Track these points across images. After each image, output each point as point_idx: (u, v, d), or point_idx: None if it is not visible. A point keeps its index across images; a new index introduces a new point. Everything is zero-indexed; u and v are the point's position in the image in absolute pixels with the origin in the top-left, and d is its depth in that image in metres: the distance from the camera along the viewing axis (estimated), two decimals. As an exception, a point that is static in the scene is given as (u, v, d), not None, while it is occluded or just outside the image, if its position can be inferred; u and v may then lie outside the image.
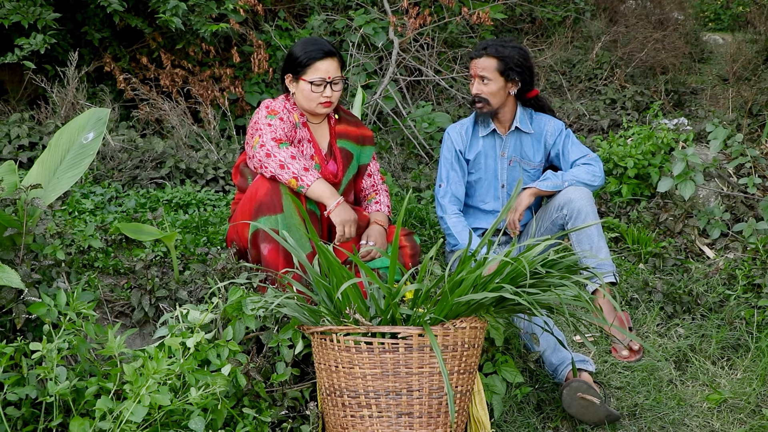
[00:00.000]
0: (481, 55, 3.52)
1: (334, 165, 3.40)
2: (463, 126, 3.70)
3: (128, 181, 4.37)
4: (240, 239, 3.24)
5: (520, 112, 3.65)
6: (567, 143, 3.66)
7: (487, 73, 3.51)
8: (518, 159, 3.68)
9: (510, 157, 3.68)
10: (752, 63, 6.26)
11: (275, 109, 3.28)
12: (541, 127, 3.69)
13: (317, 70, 3.25)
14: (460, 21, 6.15)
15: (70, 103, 4.84)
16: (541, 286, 2.50)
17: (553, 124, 3.70)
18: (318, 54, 3.25)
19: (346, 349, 2.45)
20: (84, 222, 3.66)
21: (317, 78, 3.24)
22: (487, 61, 3.51)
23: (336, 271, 2.47)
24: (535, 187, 3.53)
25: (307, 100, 3.29)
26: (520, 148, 3.68)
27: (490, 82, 3.52)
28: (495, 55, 3.50)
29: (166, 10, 4.83)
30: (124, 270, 3.25)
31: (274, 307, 2.61)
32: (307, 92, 3.27)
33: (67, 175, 2.97)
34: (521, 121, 3.65)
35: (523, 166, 3.69)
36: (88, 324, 2.52)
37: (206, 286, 3.03)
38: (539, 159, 3.70)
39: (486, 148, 3.68)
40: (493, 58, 3.50)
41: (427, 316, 2.44)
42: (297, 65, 3.27)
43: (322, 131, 3.42)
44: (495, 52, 3.50)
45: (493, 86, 3.53)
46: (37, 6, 4.61)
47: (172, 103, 5.14)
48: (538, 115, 3.71)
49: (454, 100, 5.91)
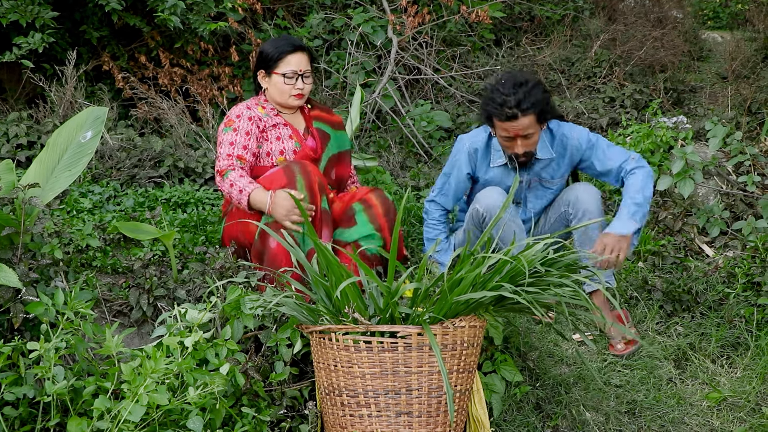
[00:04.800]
0: (517, 115, 3.23)
1: (312, 142, 3.50)
2: (473, 145, 3.49)
3: (126, 180, 4.36)
4: (245, 233, 3.28)
5: (540, 137, 3.43)
6: (598, 154, 3.45)
7: (531, 129, 3.27)
8: (537, 180, 3.52)
9: (528, 180, 3.52)
10: (751, 61, 6.25)
11: (231, 117, 3.39)
12: (563, 147, 3.47)
13: (289, 63, 3.39)
14: (459, 19, 6.14)
15: (69, 102, 4.83)
16: (541, 284, 2.50)
17: (577, 137, 3.46)
18: (288, 47, 3.40)
19: (344, 348, 2.45)
20: (82, 221, 3.65)
21: (289, 70, 3.39)
22: (527, 119, 3.24)
23: (335, 270, 2.47)
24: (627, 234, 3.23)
25: (280, 92, 3.41)
26: (539, 171, 3.50)
27: (534, 135, 3.31)
28: (533, 111, 3.24)
29: (165, 8, 4.81)
30: (123, 269, 3.24)
31: (273, 306, 2.60)
32: (280, 84, 3.40)
33: (65, 174, 2.96)
34: (541, 149, 3.44)
35: (544, 185, 3.54)
36: (86, 323, 2.52)
37: (204, 285, 3.03)
38: (561, 174, 3.53)
39: (500, 175, 3.49)
40: (532, 115, 3.24)
41: (426, 315, 2.44)
42: (269, 60, 3.41)
43: (298, 119, 3.54)
44: (530, 106, 3.22)
45: (536, 137, 3.33)
46: (35, 5, 4.60)
47: (170, 102, 5.13)
48: (559, 131, 3.47)
49: (452, 98, 5.91)
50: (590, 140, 3.47)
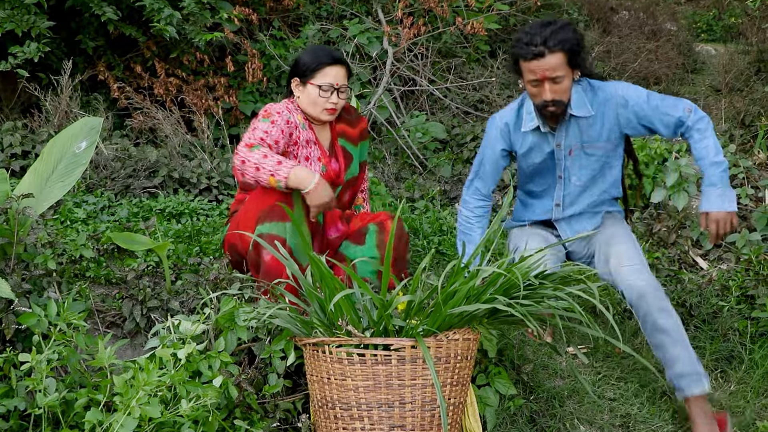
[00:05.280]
0: (543, 52, 2.95)
1: (336, 165, 3.38)
2: (503, 119, 3.25)
3: (121, 190, 4.36)
4: (242, 241, 3.21)
5: (574, 93, 3.10)
6: (649, 109, 3.08)
7: (559, 71, 2.98)
8: (579, 146, 3.17)
9: (568, 146, 3.18)
10: (744, 74, 6.28)
11: (271, 111, 3.23)
12: (604, 104, 3.12)
13: (326, 75, 3.25)
14: (455, 31, 6.16)
15: (64, 112, 4.83)
16: (535, 297, 2.50)
17: (622, 92, 3.12)
18: (327, 59, 3.26)
19: (338, 361, 2.44)
20: (76, 231, 3.64)
21: (326, 83, 3.24)
22: (555, 57, 2.96)
23: (328, 283, 2.46)
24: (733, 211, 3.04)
25: (313, 104, 3.27)
26: (579, 134, 3.15)
27: (563, 80, 3.00)
28: (562, 48, 2.96)
29: (161, 19, 4.82)
30: (116, 280, 3.23)
31: (267, 318, 2.60)
32: (314, 96, 3.25)
33: (59, 185, 2.96)
34: (577, 104, 3.10)
35: (588, 151, 3.18)
36: (78, 334, 2.51)
37: (198, 296, 3.02)
38: (605, 137, 3.16)
39: (537, 141, 3.20)
40: (561, 53, 2.96)
41: (419, 328, 2.43)
42: (306, 69, 3.26)
43: (325, 132, 3.40)
44: (559, 44, 2.95)
45: (566, 82, 3.01)
46: (31, 14, 4.60)
47: (165, 112, 5.13)
48: (599, 88, 3.14)
49: (448, 110, 5.92)
50: (637, 94, 3.11)
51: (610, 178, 3.25)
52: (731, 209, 3.01)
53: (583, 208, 3.27)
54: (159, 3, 4.85)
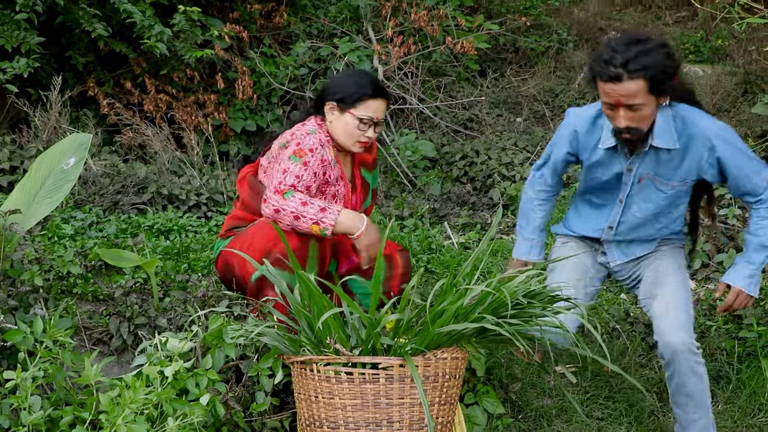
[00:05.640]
0: (621, 76, 2.59)
1: (356, 197, 3.21)
2: (575, 125, 2.92)
3: (109, 207, 4.35)
4: (241, 269, 3.01)
5: (660, 120, 2.74)
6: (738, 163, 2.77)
7: (639, 99, 2.62)
8: (651, 176, 2.84)
9: (640, 173, 2.86)
10: (731, 95, 6.33)
11: (304, 149, 2.97)
12: (692, 139, 2.77)
13: (368, 107, 3.02)
14: (444, 50, 6.19)
15: (53, 128, 4.82)
16: (523, 316, 2.50)
17: (712, 135, 2.76)
18: (372, 91, 3.04)
19: (326, 380, 2.43)
20: (64, 247, 3.63)
21: (366, 116, 3.01)
22: (634, 84, 2.59)
23: (317, 301, 2.46)
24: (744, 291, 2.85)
25: (348, 135, 3.04)
26: (655, 164, 2.83)
27: (642, 108, 2.64)
28: (644, 75, 2.59)
29: (151, 35, 4.83)
30: (103, 296, 3.22)
31: (255, 335, 2.59)
32: (352, 128, 3.03)
33: (46, 201, 2.94)
34: (661, 134, 2.76)
35: (658, 186, 2.86)
36: (64, 352, 2.49)
37: (186, 313, 3.01)
38: (681, 177, 2.84)
39: (607, 158, 2.88)
40: (642, 80, 2.59)
41: (408, 347, 2.43)
42: (347, 97, 3.02)
43: (347, 162, 3.20)
44: (642, 69, 2.58)
45: (646, 110, 2.66)
46: (21, 30, 4.60)
47: (155, 129, 5.13)
48: (689, 119, 2.77)
49: (437, 128, 5.94)
50: (725, 141, 2.76)
51: (674, 215, 2.97)
52: (753, 294, 2.86)
53: (635, 239, 3.02)
54: (150, 20, 4.86)
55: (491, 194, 5.11)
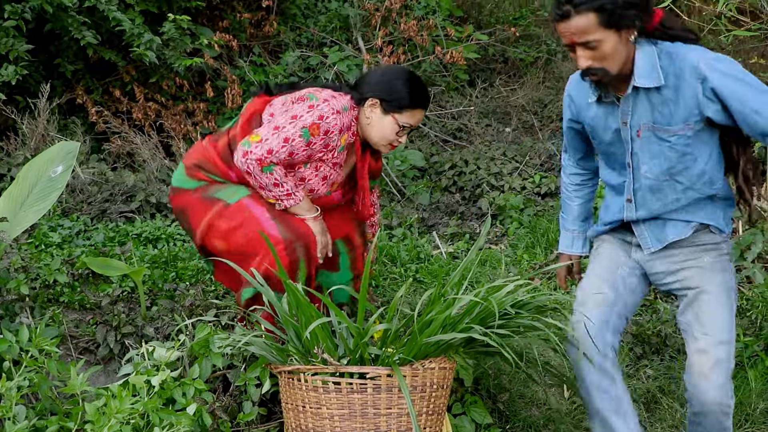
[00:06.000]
0: (569, 13, 2.38)
1: (339, 197, 3.10)
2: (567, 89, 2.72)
3: (97, 215, 4.33)
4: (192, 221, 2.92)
5: (642, 58, 2.45)
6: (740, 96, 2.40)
7: (592, 35, 2.37)
8: (649, 126, 2.51)
9: (637, 125, 2.53)
10: (720, 106, 6.37)
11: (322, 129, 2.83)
12: (679, 73, 2.45)
13: (413, 116, 2.95)
14: (434, 60, 6.21)
15: (41, 135, 4.80)
16: (511, 327, 2.50)
17: (702, 65, 2.42)
18: (423, 103, 2.98)
19: (313, 389, 2.43)
20: (51, 256, 3.61)
21: (407, 123, 2.94)
22: (582, 18, 2.36)
23: (305, 310, 2.46)
24: None
25: (383, 136, 2.95)
26: (650, 111, 2.50)
27: (601, 44, 2.38)
28: (591, 8, 2.35)
29: (141, 44, 4.83)
30: (90, 305, 3.20)
31: (242, 345, 2.58)
32: (389, 131, 2.94)
33: (33, 209, 2.94)
34: (643, 72, 2.46)
35: (659, 135, 2.51)
36: (50, 361, 2.48)
37: (173, 322, 3.00)
38: (682, 120, 2.47)
39: (602, 114, 2.60)
40: (591, 12, 2.36)
41: (396, 356, 2.43)
42: (398, 101, 2.92)
43: (351, 159, 3.07)
44: (587, 3, 2.36)
45: (606, 47, 2.39)
46: (9, 37, 4.58)
47: (144, 137, 5.12)
48: (674, 51, 2.46)
49: (426, 138, 5.95)
50: (721, 71, 2.42)
51: (694, 171, 2.53)
52: None
53: (662, 211, 2.59)
54: (139, 28, 4.86)
55: (480, 204, 5.12)
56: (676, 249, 2.60)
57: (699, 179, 2.53)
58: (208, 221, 2.89)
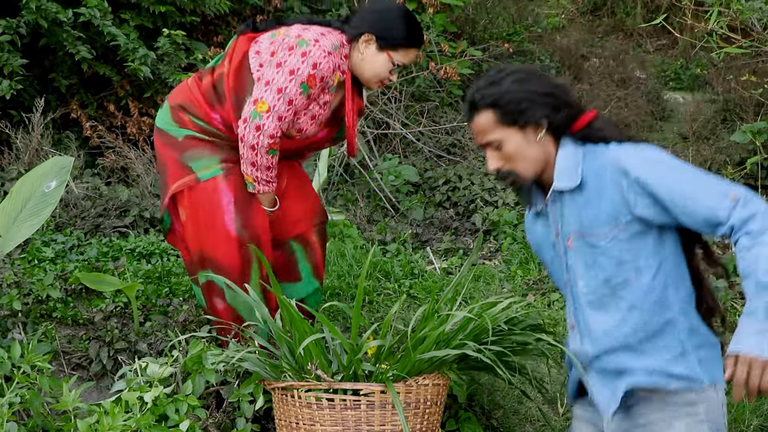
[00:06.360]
0: (471, 113, 2.23)
1: (324, 133, 3.03)
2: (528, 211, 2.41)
3: (91, 230, 4.32)
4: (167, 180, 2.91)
5: (563, 159, 2.20)
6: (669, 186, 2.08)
7: (491, 134, 2.20)
8: (579, 233, 2.18)
9: (567, 234, 2.21)
10: (711, 122, 6.40)
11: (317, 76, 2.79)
12: (602, 172, 2.16)
13: (408, 54, 2.89)
14: (428, 75, 6.23)
15: (35, 150, 4.80)
16: (505, 343, 2.50)
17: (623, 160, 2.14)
18: (418, 42, 2.91)
19: (307, 406, 2.42)
20: (44, 271, 3.60)
21: (400, 62, 2.88)
22: (481, 117, 2.21)
23: (298, 326, 2.45)
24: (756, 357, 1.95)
25: (374, 72, 2.89)
26: (576, 215, 2.19)
27: (503, 143, 2.19)
28: (489, 106, 2.18)
29: (135, 58, 4.84)
30: (83, 321, 3.19)
31: (235, 361, 2.57)
32: (383, 69, 2.88)
33: (27, 224, 2.94)
34: (563, 175, 2.19)
35: (589, 241, 2.17)
36: (42, 377, 2.47)
37: (167, 338, 2.99)
38: (609, 221, 2.14)
39: (543, 229, 2.32)
40: (487, 110, 2.19)
41: (389, 373, 2.43)
42: (393, 38, 2.85)
43: (339, 95, 2.98)
44: (483, 99, 2.19)
45: (509, 146, 2.19)
46: (4, 52, 4.59)
47: (138, 152, 5.12)
48: (599, 149, 2.19)
49: (420, 153, 5.96)
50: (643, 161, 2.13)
51: (641, 290, 2.13)
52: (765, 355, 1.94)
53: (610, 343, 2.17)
54: (134, 43, 4.87)
55: (474, 219, 5.13)
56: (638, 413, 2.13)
57: (646, 297, 2.12)
58: (179, 186, 2.89)
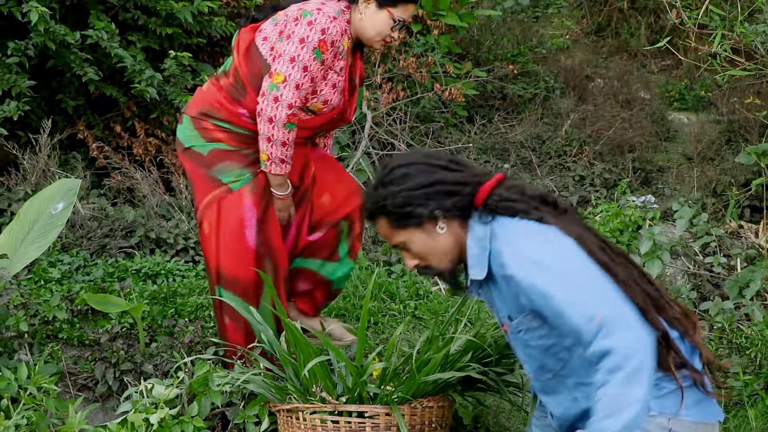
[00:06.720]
0: (371, 224, 2.22)
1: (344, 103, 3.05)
2: None
3: (97, 250, 4.34)
4: None
5: (472, 245, 2.08)
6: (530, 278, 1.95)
7: (394, 238, 2.14)
8: (507, 321, 2.11)
9: (501, 319, 2.15)
10: (715, 143, 6.41)
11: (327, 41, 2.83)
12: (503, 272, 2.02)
13: (407, 9, 2.93)
14: (433, 96, 6.26)
15: (41, 170, 4.82)
16: (508, 364, 2.51)
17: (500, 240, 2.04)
18: None
19: (312, 428, 2.42)
20: (50, 292, 3.61)
21: (400, 17, 2.91)
22: (379, 227, 2.16)
23: (303, 348, 2.46)
24: None
25: (376, 31, 2.93)
26: (501, 301, 2.11)
27: (408, 244, 2.12)
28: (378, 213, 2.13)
29: (142, 80, 4.87)
30: (89, 342, 3.20)
31: (241, 383, 2.58)
32: (384, 26, 2.91)
33: (34, 246, 2.95)
34: (473, 262, 2.08)
35: (514, 329, 2.10)
36: (48, 399, 2.47)
37: (173, 359, 2.99)
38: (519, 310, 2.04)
39: None
40: (380, 219, 2.13)
41: (394, 395, 2.43)
42: None
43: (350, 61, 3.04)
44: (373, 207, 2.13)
45: (415, 246, 2.11)
46: (12, 73, 4.63)
47: (144, 172, 5.14)
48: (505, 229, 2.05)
49: (425, 173, 5.97)
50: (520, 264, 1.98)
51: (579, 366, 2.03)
52: None
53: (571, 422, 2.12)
54: (140, 64, 4.91)
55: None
56: None
57: (589, 370, 1.93)
58: (211, 199, 2.94)
